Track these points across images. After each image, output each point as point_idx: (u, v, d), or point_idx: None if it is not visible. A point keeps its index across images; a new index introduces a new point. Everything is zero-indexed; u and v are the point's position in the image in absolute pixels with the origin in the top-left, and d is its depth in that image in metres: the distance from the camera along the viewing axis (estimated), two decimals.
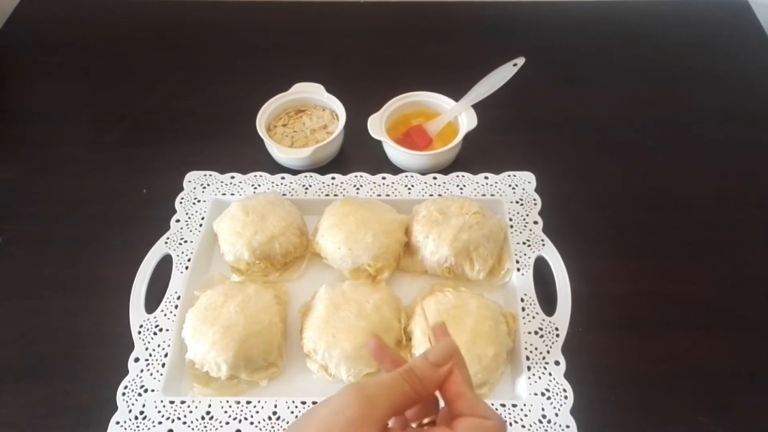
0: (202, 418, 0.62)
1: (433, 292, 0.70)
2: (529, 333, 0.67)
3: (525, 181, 0.80)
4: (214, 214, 0.78)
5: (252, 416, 0.62)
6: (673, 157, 0.87)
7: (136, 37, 1.08)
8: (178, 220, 0.78)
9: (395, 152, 0.83)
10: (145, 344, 0.67)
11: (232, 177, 0.82)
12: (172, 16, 1.11)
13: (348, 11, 1.12)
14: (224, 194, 0.80)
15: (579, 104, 0.95)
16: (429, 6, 1.12)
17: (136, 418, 0.62)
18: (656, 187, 0.84)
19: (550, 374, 0.64)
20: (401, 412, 0.40)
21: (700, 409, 0.64)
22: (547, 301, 0.70)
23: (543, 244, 0.74)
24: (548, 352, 0.65)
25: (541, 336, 0.66)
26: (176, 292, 0.70)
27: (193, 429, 0.61)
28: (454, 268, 0.72)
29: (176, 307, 0.69)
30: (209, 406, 0.62)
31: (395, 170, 0.84)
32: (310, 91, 0.89)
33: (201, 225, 0.77)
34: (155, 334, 0.67)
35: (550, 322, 0.67)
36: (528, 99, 0.94)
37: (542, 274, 0.73)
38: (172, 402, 0.63)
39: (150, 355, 0.66)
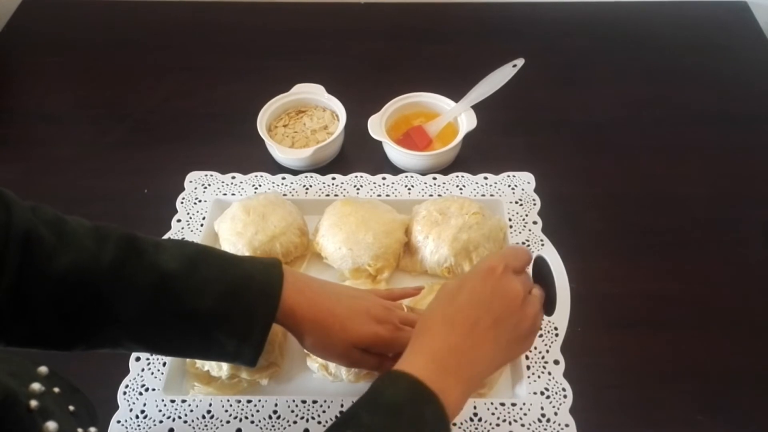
0: (203, 416, 0.62)
1: (432, 291, 0.70)
2: None
3: (524, 181, 0.81)
4: (215, 214, 0.78)
5: (253, 415, 0.62)
6: (672, 157, 0.88)
7: (136, 38, 1.09)
8: (179, 220, 0.78)
9: (395, 153, 0.84)
10: None
11: (233, 177, 0.82)
12: (173, 17, 1.12)
13: (348, 12, 1.12)
14: (225, 194, 0.80)
15: (578, 105, 0.95)
16: (429, 7, 1.12)
17: (137, 417, 0.62)
18: (655, 187, 0.84)
19: (549, 373, 0.64)
20: None
21: (699, 409, 0.64)
22: (546, 301, 0.70)
23: (542, 244, 0.74)
24: (547, 351, 0.66)
25: (541, 335, 0.67)
26: None
27: (194, 428, 0.61)
28: (453, 268, 0.72)
29: None
30: (210, 405, 0.63)
31: (395, 171, 0.85)
32: (311, 92, 0.90)
33: (202, 225, 0.77)
34: None
35: (549, 321, 0.68)
36: (527, 100, 0.94)
37: (541, 273, 0.73)
38: (173, 401, 0.63)
39: (151, 353, 0.66)
